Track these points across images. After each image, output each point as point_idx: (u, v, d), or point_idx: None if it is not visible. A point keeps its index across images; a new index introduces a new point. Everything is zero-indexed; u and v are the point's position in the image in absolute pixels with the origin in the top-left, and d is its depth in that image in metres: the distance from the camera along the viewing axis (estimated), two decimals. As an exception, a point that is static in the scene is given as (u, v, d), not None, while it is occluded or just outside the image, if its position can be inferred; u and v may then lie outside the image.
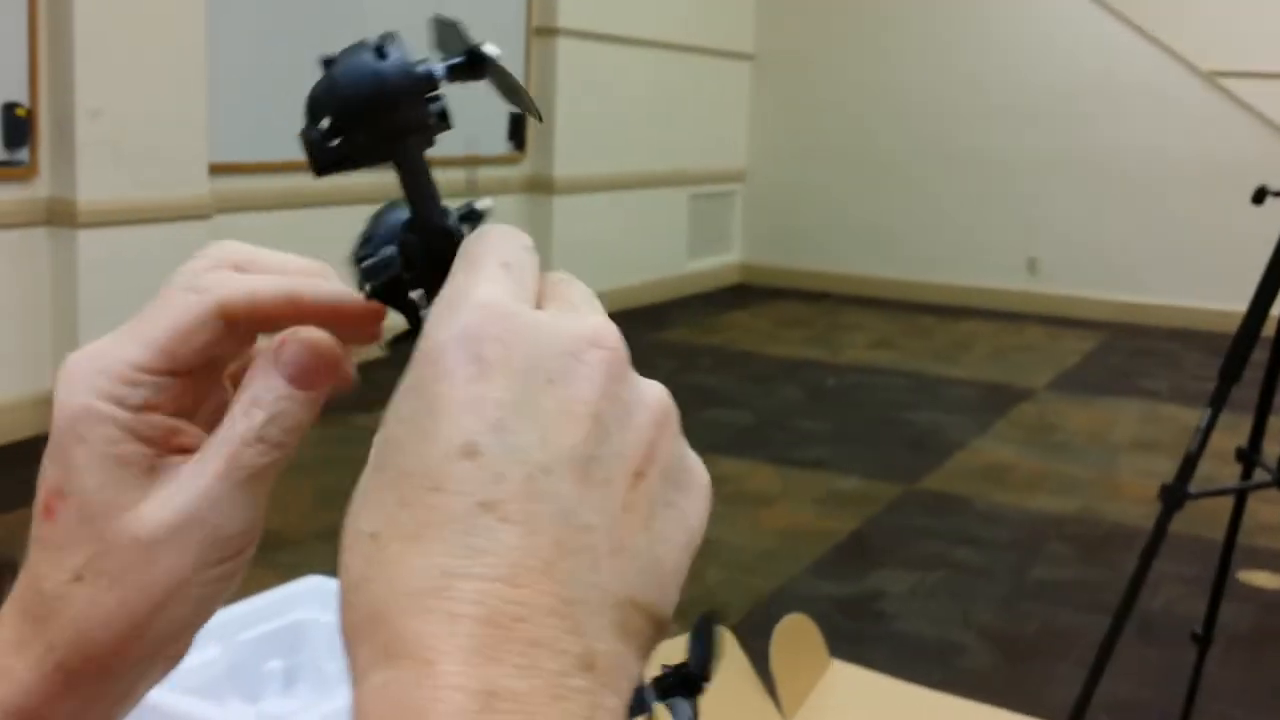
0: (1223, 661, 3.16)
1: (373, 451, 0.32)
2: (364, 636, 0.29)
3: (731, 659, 2.14)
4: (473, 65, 0.36)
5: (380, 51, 0.35)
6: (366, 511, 0.31)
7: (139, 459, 0.39)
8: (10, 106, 4.41)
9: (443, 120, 0.36)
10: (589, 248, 7.69)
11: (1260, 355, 2.22)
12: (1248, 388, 2.28)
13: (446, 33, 0.37)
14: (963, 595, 3.63)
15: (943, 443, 5.29)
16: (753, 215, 9.64)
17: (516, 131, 7.26)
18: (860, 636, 3.29)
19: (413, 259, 0.37)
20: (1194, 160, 8.26)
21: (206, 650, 2.01)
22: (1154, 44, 8.36)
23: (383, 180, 0.38)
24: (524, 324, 0.31)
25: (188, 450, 0.39)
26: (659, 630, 0.32)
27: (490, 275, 0.33)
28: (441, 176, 0.38)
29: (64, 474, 0.39)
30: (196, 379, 0.40)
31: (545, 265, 0.57)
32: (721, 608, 3.43)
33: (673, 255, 8.82)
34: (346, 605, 0.30)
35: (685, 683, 0.36)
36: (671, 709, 0.36)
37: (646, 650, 0.31)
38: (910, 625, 3.41)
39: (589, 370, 0.31)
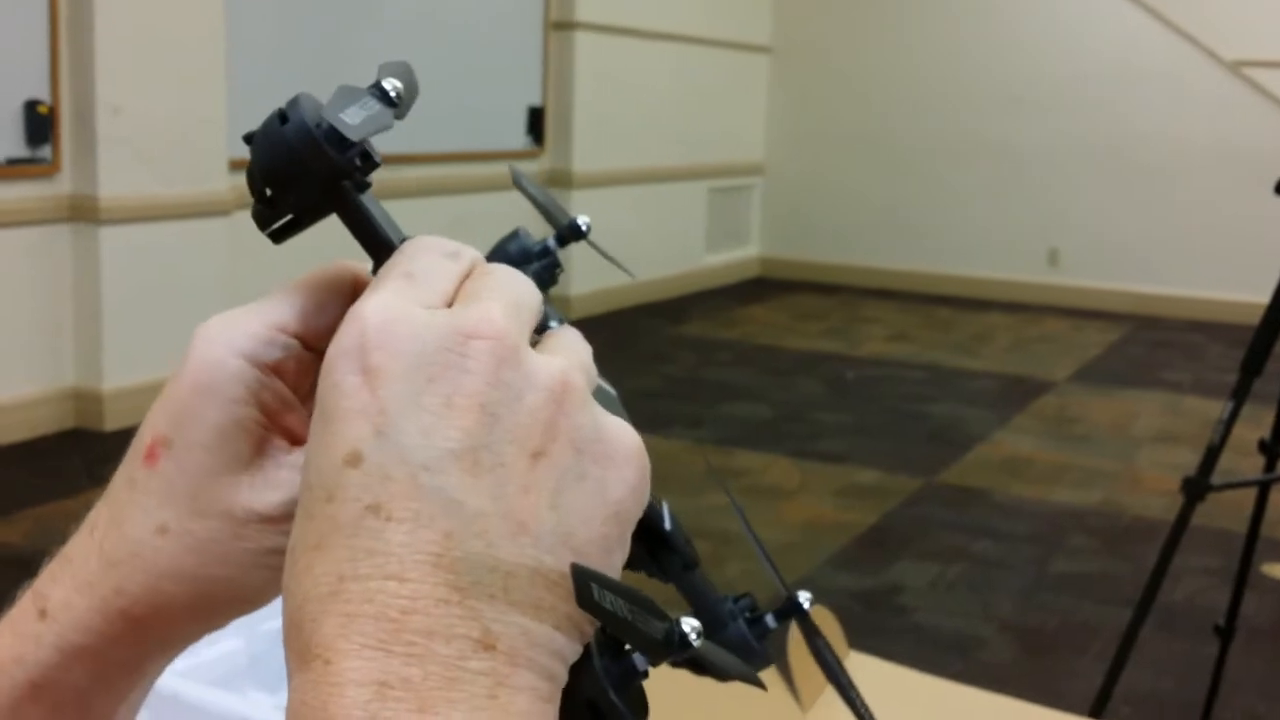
0: (1245, 654, 3.15)
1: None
2: (287, 643, 0.31)
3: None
4: (386, 101, 0.38)
5: (283, 117, 0.37)
6: (293, 526, 0.32)
7: (253, 428, 0.39)
8: (32, 104, 4.44)
9: (367, 160, 0.38)
10: (607, 242, 7.57)
11: (1282, 346, 2.21)
12: (1270, 380, 2.28)
13: (393, 70, 0.39)
14: (983, 588, 3.63)
15: (963, 435, 5.28)
16: (771, 208, 9.63)
17: (535, 126, 7.26)
18: (880, 629, 3.28)
19: None
20: (1216, 151, 8.21)
21: (228, 642, 2.03)
22: (1175, 32, 8.30)
23: (396, 175, 0.38)
24: (405, 328, 0.32)
25: (293, 433, 0.40)
26: (579, 623, 0.32)
27: (388, 286, 0.34)
28: (468, 171, 0.38)
29: (178, 425, 0.39)
30: (319, 360, 0.40)
31: (564, 260, 0.57)
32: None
33: (691, 249, 8.82)
34: (282, 616, 0.32)
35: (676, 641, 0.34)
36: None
37: (573, 624, 0.32)
38: (930, 618, 3.41)
39: (470, 363, 0.32)
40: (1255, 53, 8.28)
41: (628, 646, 0.35)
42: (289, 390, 0.40)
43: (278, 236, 0.38)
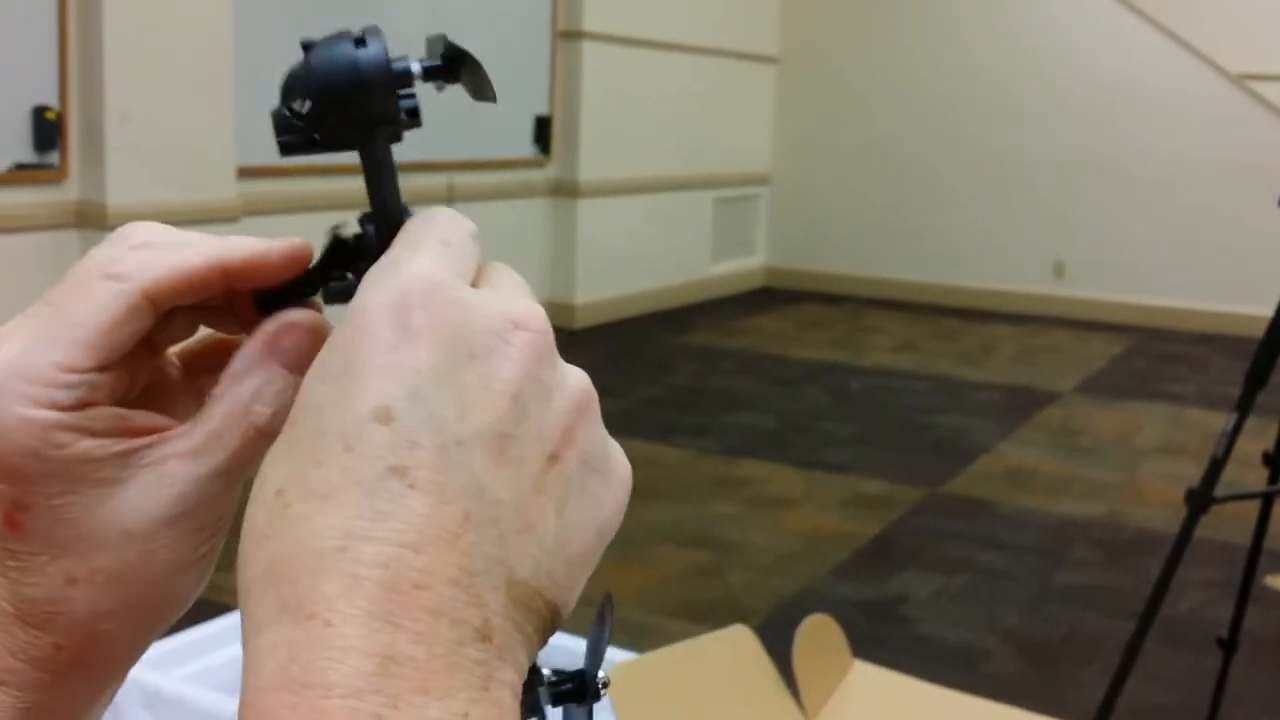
0: (1248, 666, 3.15)
1: (293, 408, 0.31)
2: (261, 591, 0.29)
3: (755, 659, 2.15)
4: (449, 67, 0.37)
5: (360, 42, 0.36)
6: (277, 467, 0.30)
7: (99, 453, 0.36)
8: (40, 110, 4.46)
9: (413, 118, 0.37)
10: (613, 251, 7.71)
11: (1287, 359, 2.21)
12: (1274, 392, 2.28)
13: (436, 46, 0.38)
14: (987, 599, 3.63)
15: (967, 446, 5.28)
16: (777, 218, 9.64)
17: (542, 135, 7.29)
18: (884, 640, 3.29)
19: (369, 247, 0.37)
20: (1220, 163, 8.22)
21: (230, 647, 2.03)
22: (1181, 46, 8.31)
23: (402, 182, 0.38)
24: (452, 298, 0.32)
25: (146, 432, 0.37)
26: (556, 616, 0.32)
27: (428, 250, 0.33)
28: (475, 180, 0.38)
29: (19, 489, 0.36)
30: (129, 361, 0.38)
31: (569, 268, 0.58)
32: (744, 609, 3.43)
33: (697, 258, 8.83)
34: (246, 558, 0.30)
35: (581, 690, 0.35)
36: (566, 716, 0.36)
37: (543, 635, 0.31)
38: (934, 629, 3.41)
39: (513, 350, 0.31)
40: (1259, 66, 8.30)
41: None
42: (112, 405, 0.37)
43: (287, 149, 0.37)
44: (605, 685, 0.35)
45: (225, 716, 1.72)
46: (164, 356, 0.41)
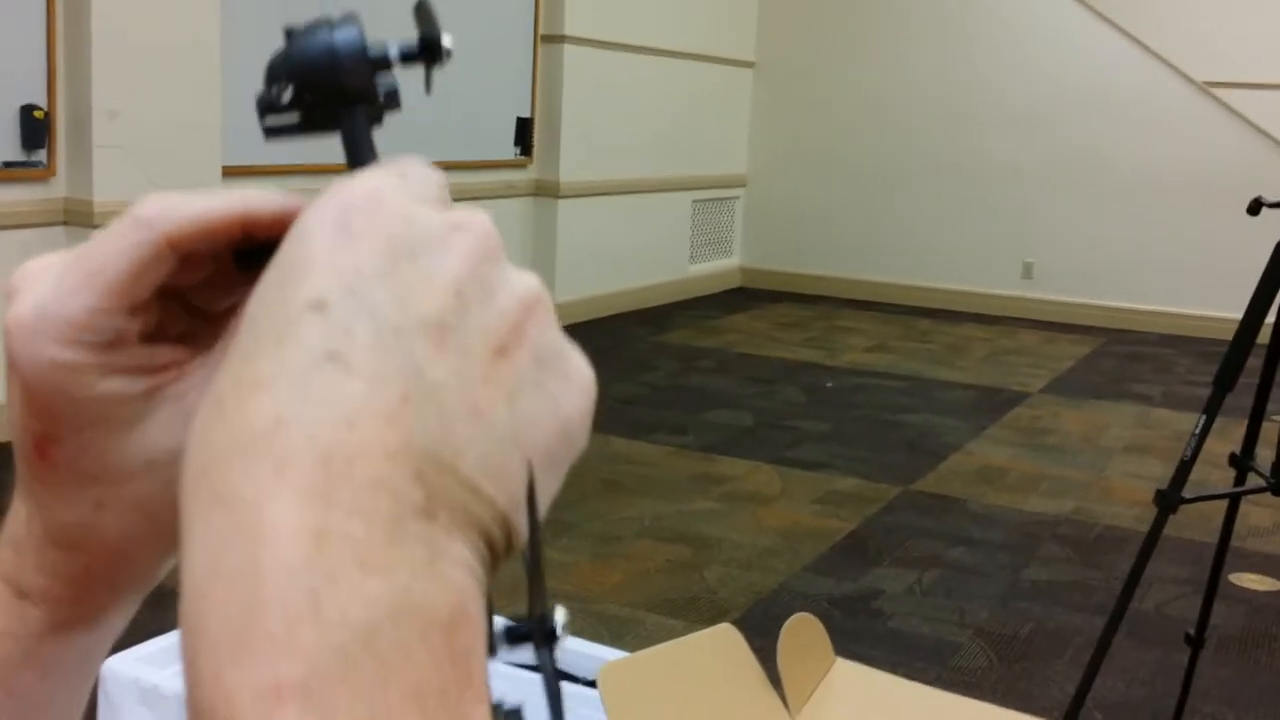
0: (1215, 662, 3.23)
1: (239, 325, 0.31)
2: (194, 489, 0.28)
3: (741, 657, 2.21)
4: (425, 52, 0.38)
5: (337, 27, 0.37)
6: (219, 376, 0.29)
7: (127, 389, 0.38)
8: (28, 108, 4.47)
9: (391, 99, 0.37)
10: (593, 251, 7.76)
11: (1253, 362, 2.27)
12: (1241, 394, 2.33)
13: (423, 16, 0.39)
14: (958, 594, 3.69)
15: (939, 444, 5.36)
16: (753, 220, 9.71)
17: (523, 137, 7.33)
18: (858, 634, 3.35)
19: None
20: (1188, 168, 8.34)
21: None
22: (1149, 54, 8.43)
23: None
24: (396, 208, 0.31)
25: (169, 368, 0.39)
26: (506, 532, 0.30)
27: (379, 174, 0.32)
28: (457, 180, 0.40)
29: (50, 424, 0.38)
30: (158, 302, 0.39)
31: (550, 268, 0.62)
32: (722, 604, 3.49)
33: (675, 259, 8.89)
34: (184, 463, 0.29)
35: (540, 634, 0.33)
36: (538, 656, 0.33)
37: (499, 526, 0.29)
38: (907, 624, 3.47)
39: (455, 250, 0.31)
40: (1225, 74, 8.43)
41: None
42: (142, 345, 0.39)
43: (272, 133, 0.37)
44: (564, 628, 0.33)
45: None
46: (186, 294, 0.41)
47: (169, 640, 1.96)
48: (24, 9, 4.43)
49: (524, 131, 7.29)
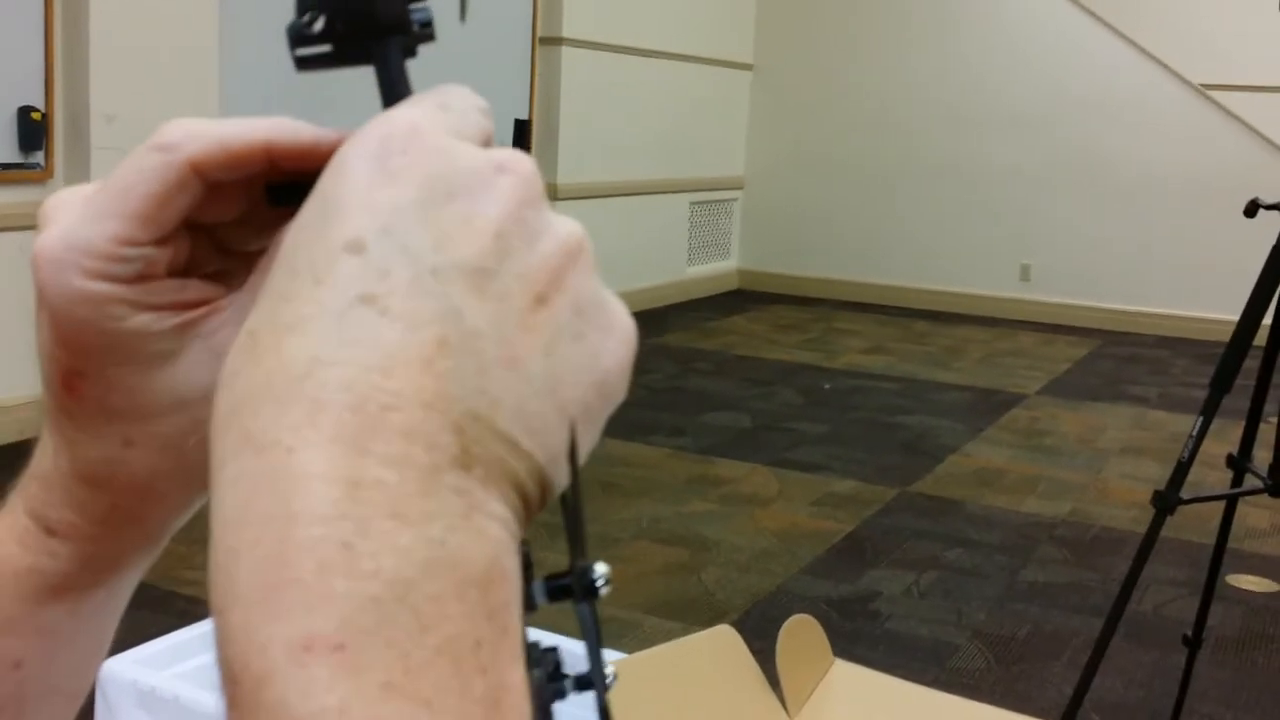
0: (1212, 663, 3.23)
1: (274, 262, 0.30)
2: (225, 429, 0.27)
3: (739, 659, 2.22)
4: None
5: None
6: (253, 315, 0.29)
7: (157, 325, 0.37)
8: (26, 110, 4.47)
9: (425, 29, 0.37)
10: (591, 253, 7.75)
11: (1250, 364, 2.27)
12: (1238, 396, 2.34)
13: None
14: (956, 596, 3.70)
15: (936, 446, 5.36)
16: (751, 222, 9.72)
17: (520, 140, 7.29)
18: (856, 636, 3.35)
19: None
20: (1185, 171, 8.36)
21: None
22: (1146, 56, 8.44)
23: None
24: (436, 143, 0.30)
25: (200, 304, 0.38)
26: (541, 486, 0.29)
27: (420, 106, 0.32)
28: None
29: (78, 357, 0.37)
30: (183, 234, 0.38)
31: None
32: (720, 606, 3.50)
33: (673, 261, 8.90)
34: (215, 402, 0.28)
35: (577, 586, 0.32)
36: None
37: (536, 481, 0.29)
38: (904, 625, 3.47)
39: (496, 191, 0.30)
40: (1222, 77, 8.44)
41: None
42: (171, 278, 0.38)
43: (303, 64, 0.36)
44: (607, 582, 0.32)
45: (218, 715, 1.74)
46: (218, 233, 0.40)
47: (167, 642, 1.96)
48: (22, 10, 4.43)
49: (521, 133, 7.11)
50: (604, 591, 0.32)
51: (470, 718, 0.25)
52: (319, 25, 0.35)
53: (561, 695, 0.31)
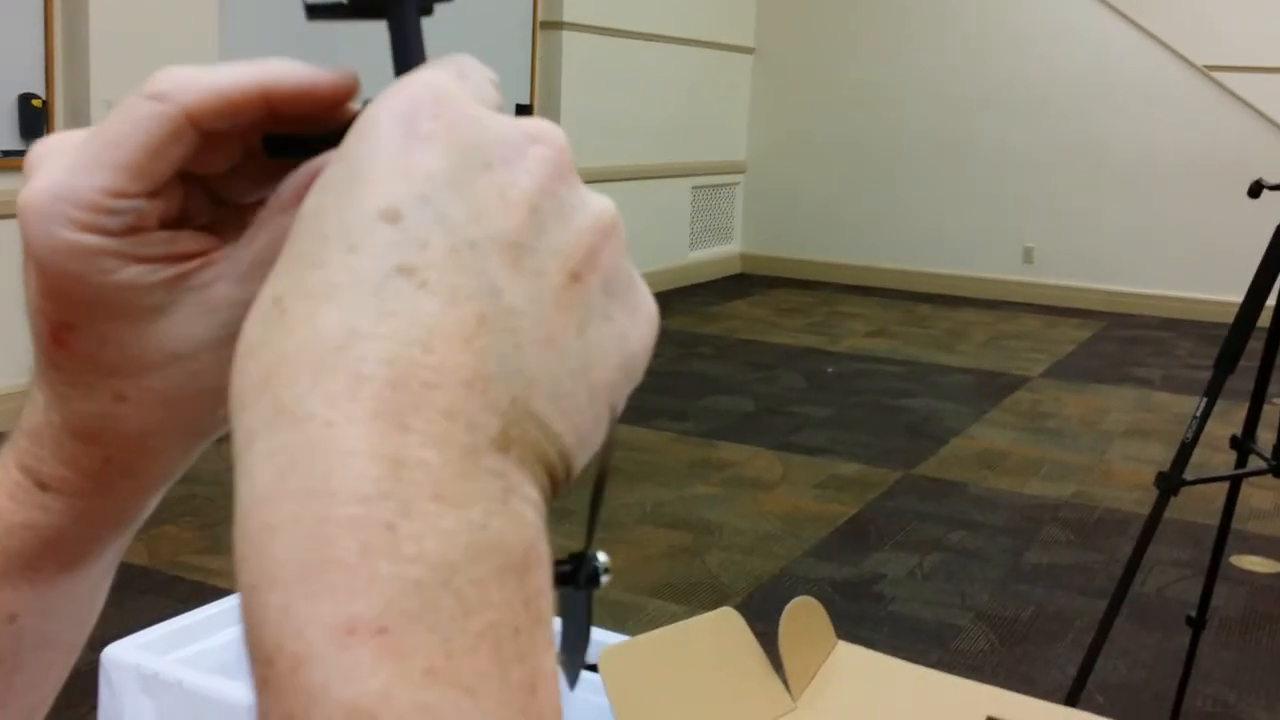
0: (1216, 644, 3.24)
1: (294, 223, 0.29)
2: (254, 399, 0.26)
3: (742, 641, 2.22)
4: None
5: None
6: (275, 280, 0.28)
7: (148, 278, 0.36)
8: (26, 98, 4.46)
9: None
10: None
11: (1253, 345, 2.27)
12: (1242, 376, 2.34)
13: None
14: (960, 578, 3.70)
15: (940, 429, 5.37)
16: (753, 206, 9.71)
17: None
18: (860, 618, 3.36)
19: None
20: (1188, 152, 8.34)
21: (229, 629, 2.07)
22: (1149, 38, 8.42)
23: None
24: (467, 110, 0.29)
25: (192, 256, 0.37)
26: (567, 468, 0.29)
27: (443, 70, 0.31)
28: None
29: (67, 310, 0.36)
30: (175, 186, 0.37)
31: None
32: (723, 589, 3.50)
33: (675, 245, 8.90)
34: (238, 370, 0.27)
35: (581, 574, 0.32)
36: (562, 600, 0.32)
37: (563, 462, 0.28)
38: (908, 607, 3.48)
39: (530, 164, 0.29)
40: (1226, 58, 8.41)
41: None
42: (162, 229, 0.36)
43: (315, 13, 0.35)
44: (606, 571, 0.31)
45: (225, 699, 1.74)
46: (213, 184, 0.39)
47: (170, 627, 1.96)
48: (22, -2, 4.42)
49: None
50: (605, 580, 0.31)
51: (510, 704, 0.25)
52: None
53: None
